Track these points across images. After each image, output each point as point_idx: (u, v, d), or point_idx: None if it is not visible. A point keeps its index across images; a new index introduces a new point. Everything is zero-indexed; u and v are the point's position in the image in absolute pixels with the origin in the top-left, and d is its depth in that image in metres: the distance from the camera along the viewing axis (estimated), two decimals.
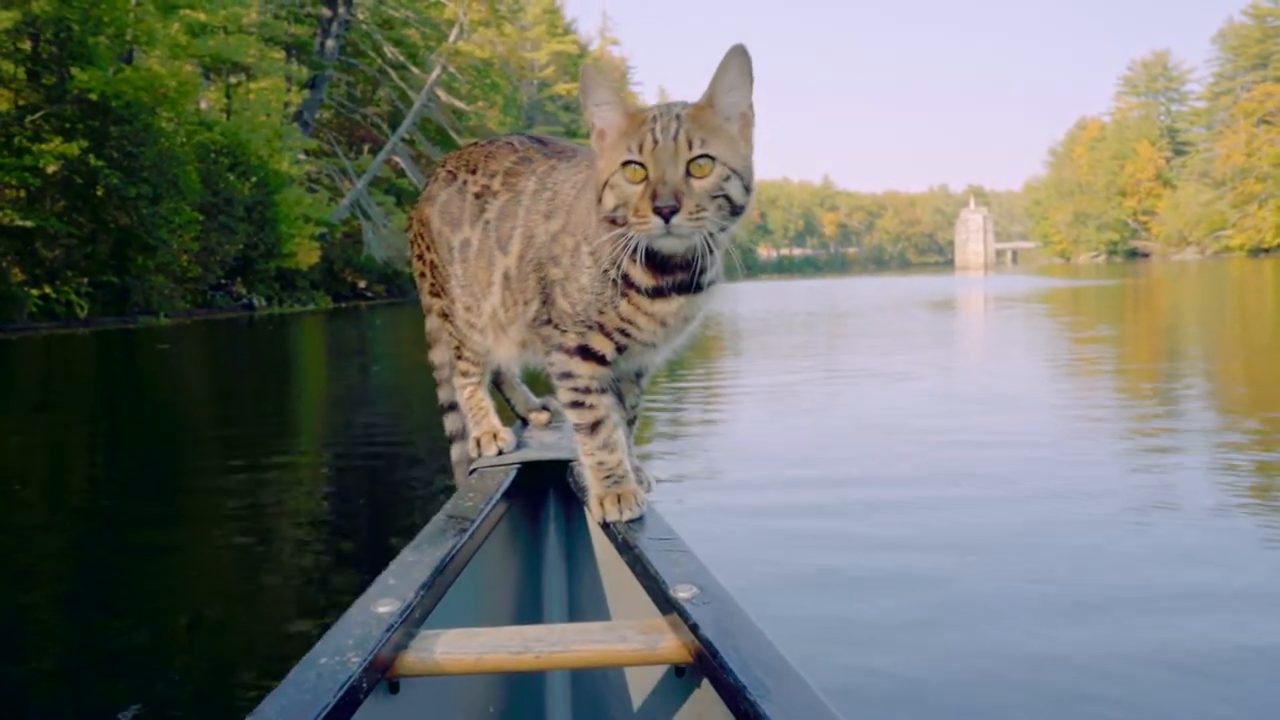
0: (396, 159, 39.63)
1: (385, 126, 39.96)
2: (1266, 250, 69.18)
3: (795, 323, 17.21)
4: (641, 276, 1.36)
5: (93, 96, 20.71)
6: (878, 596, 2.89)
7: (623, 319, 1.40)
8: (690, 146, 1.26)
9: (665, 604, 1.17)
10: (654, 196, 1.25)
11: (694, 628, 1.07)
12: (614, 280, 1.37)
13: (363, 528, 4.08)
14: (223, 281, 29.59)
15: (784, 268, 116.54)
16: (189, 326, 21.75)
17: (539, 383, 1.79)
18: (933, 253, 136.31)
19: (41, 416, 8.33)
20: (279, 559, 3.63)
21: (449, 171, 1.74)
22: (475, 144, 1.77)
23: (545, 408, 1.97)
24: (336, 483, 5.08)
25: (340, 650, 1.03)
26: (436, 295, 1.80)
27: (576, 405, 1.48)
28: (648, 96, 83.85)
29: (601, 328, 1.42)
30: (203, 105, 31.80)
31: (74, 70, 20.94)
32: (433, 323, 1.87)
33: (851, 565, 3.18)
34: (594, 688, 1.58)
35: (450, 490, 1.71)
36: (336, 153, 38.44)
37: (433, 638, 1.17)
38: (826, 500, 4.05)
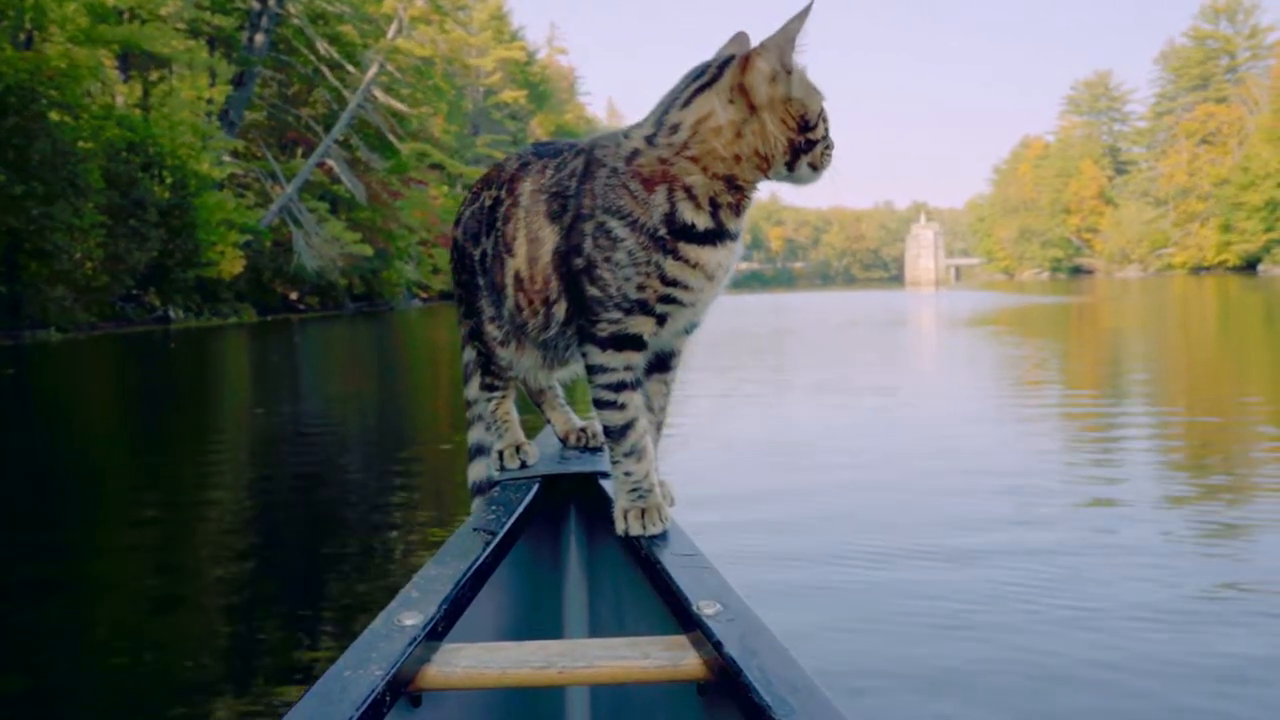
0: (331, 163, 37.21)
1: (320, 129, 37.52)
2: (1207, 268, 70.22)
3: (783, 345, 15.42)
4: (705, 220, 1.33)
5: None
6: None
7: (668, 283, 1.33)
8: None
9: (688, 620, 1.15)
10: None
11: (717, 645, 1.06)
12: (664, 237, 1.31)
13: None
14: (134, 292, 27.04)
15: (731, 282, 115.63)
16: (84, 343, 19.18)
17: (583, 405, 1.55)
18: (878, 268, 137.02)
19: None
20: None
21: (473, 193, 1.66)
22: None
23: (584, 430, 1.78)
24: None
25: (364, 663, 1.02)
26: (468, 317, 1.67)
27: (608, 405, 1.39)
28: (597, 108, 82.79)
29: (642, 305, 1.34)
30: (118, 100, 29.18)
31: None
32: (467, 354, 1.73)
33: None
34: (614, 704, 1.52)
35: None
36: (266, 156, 35.85)
37: (455, 652, 1.16)
38: None
